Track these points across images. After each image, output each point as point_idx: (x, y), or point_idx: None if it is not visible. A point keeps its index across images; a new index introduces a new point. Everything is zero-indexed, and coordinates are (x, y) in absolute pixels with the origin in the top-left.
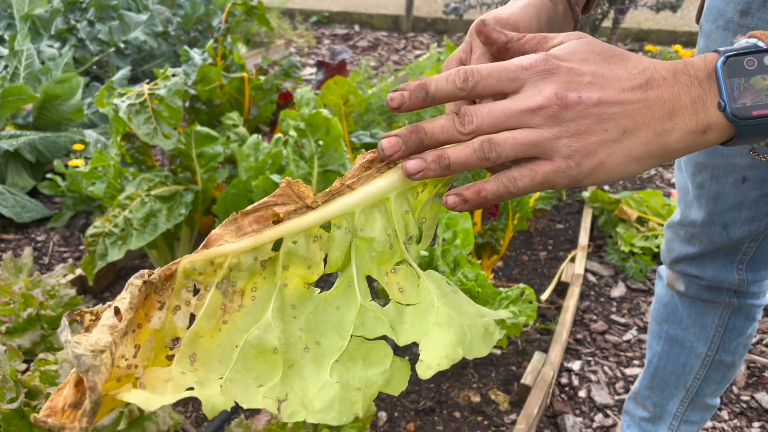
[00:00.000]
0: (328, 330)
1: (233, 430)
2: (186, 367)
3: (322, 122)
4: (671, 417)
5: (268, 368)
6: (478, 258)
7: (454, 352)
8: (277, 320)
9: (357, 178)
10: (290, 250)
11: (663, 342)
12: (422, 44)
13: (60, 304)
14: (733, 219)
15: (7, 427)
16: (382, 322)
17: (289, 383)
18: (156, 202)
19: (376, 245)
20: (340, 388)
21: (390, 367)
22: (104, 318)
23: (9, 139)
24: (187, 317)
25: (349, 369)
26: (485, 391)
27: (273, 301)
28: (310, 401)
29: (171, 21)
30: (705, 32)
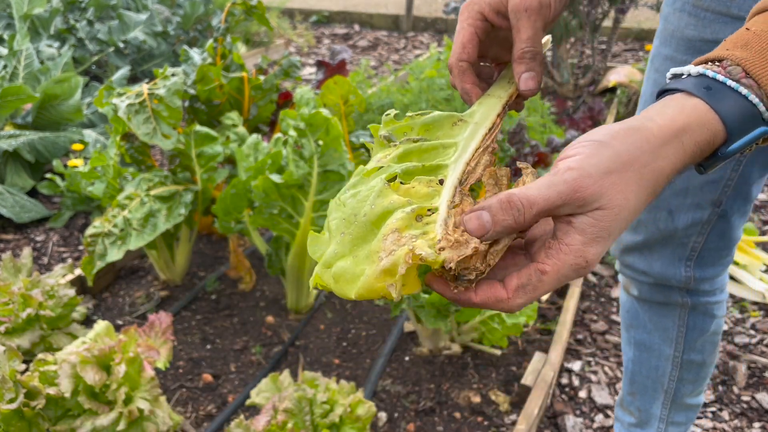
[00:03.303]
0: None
1: (233, 430)
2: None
3: (322, 122)
4: (657, 420)
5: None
6: None
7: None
8: None
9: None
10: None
11: (633, 347)
12: (422, 44)
13: (59, 304)
14: (678, 205)
15: (7, 427)
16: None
17: None
18: (155, 202)
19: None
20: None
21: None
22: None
23: (8, 139)
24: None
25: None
26: (485, 392)
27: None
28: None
29: (170, 21)
30: (664, 15)
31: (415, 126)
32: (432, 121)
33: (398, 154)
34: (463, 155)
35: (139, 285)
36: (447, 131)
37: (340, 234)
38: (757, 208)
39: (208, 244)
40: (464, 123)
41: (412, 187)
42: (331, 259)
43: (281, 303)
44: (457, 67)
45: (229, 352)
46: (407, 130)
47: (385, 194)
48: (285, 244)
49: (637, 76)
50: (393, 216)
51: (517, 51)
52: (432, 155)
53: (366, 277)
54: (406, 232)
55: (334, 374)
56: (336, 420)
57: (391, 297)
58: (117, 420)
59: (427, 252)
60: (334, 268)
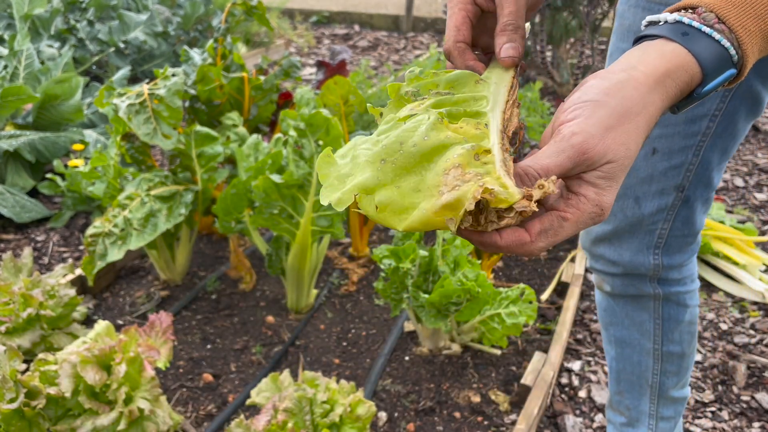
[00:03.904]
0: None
1: (233, 430)
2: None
3: (322, 122)
4: (647, 416)
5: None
6: (478, 258)
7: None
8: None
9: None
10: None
11: (614, 345)
12: (422, 44)
13: (60, 304)
14: (644, 192)
15: (7, 427)
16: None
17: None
18: (156, 202)
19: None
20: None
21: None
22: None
23: (9, 139)
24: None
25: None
26: (485, 392)
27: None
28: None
29: (171, 21)
30: (620, 13)
31: (441, 82)
32: (456, 78)
33: (432, 103)
34: (498, 105)
35: (140, 285)
36: (472, 87)
37: (380, 161)
38: (757, 208)
39: (208, 244)
40: (485, 82)
41: (460, 127)
42: (372, 186)
43: (281, 303)
44: (455, 48)
45: (230, 352)
46: (433, 87)
47: (440, 128)
48: (285, 244)
49: None
50: (451, 151)
51: (499, 25)
52: (467, 105)
53: (423, 211)
54: (469, 169)
55: (334, 374)
56: (336, 420)
57: (448, 229)
58: (117, 420)
59: (499, 189)
60: (379, 197)
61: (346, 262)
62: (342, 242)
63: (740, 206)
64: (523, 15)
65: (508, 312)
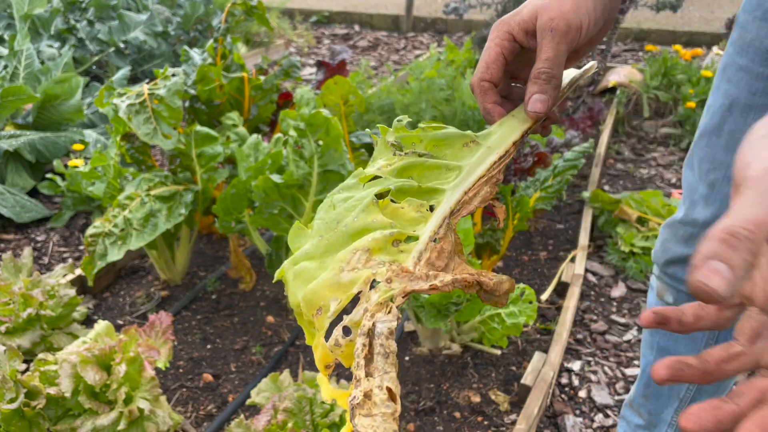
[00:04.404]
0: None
1: (233, 429)
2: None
3: (322, 122)
4: (666, 425)
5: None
6: (478, 258)
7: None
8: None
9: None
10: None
11: (655, 352)
12: (422, 44)
13: (60, 304)
14: None
15: (7, 427)
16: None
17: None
18: (156, 202)
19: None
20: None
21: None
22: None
23: (9, 139)
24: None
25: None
26: (485, 392)
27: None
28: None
29: (171, 21)
30: (740, 23)
31: (425, 139)
32: (443, 137)
33: (399, 167)
34: (464, 183)
35: (140, 285)
36: (456, 151)
37: (318, 236)
38: None
39: (208, 244)
40: (476, 145)
41: (401, 207)
42: (300, 258)
43: (281, 303)
44: (478, 86)
45: (230, 352)
46: (416, 141)
47: (371, 210)
48: (285, 244)
49: (637, 76)
50: (371, 234)
51: (534, 70)
52: (433, 175)
53: (318, 281)
54: (378, 255)
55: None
56: (336, 419)
57: (326, 309)
58: (117, 420)
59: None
60: (298, 266)
61: None
62: None
63: None
64: (561, 62)
65: (508, 312)
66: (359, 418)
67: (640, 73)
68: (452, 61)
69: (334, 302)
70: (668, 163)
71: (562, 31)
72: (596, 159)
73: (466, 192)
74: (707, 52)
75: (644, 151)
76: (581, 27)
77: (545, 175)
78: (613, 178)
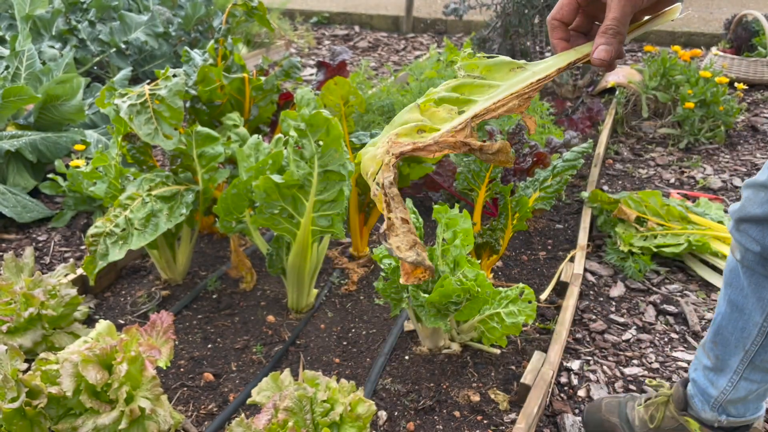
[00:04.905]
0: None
1: (234, 429)
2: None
3: (323, 122)
4: (732, 372)
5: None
6: (477, 258)
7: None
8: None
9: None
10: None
11: (726, 304)
12: (422, 45)
13: (61, 303)
14: None
15: (9, 426)
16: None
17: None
18: (157, 202)
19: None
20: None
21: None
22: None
23: (10, 139)
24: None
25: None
26: (485, 391)
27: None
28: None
29: (172, 22)
30: None
31: (480, 65)
32: (494, 64)
33: (453, 85)
34: (496, 96)
35: (141, 284)
36: (503, 74)
37: (384, 132)
38: None
39: (209, 244)
40: (522, 70)
41: (437, 110)
42: (368, 145)
43: (282, 302)
44: (549, 24)
45: (230, 351)
46: (474, 68)
47: (413, 111)
48: (286, 244)
49: (636, 76)
50: (404, 125)
51: (603, 26)
52: (477, 90)
53: (366, 155)
54: (403, 138)
55: (334, 373)
56: (336, 419)
57: (373, 171)
58: (118, 419)
59: (389, 154)
60: (365, 149)
61: (346, 261)
62: (342, 242)
63: None
64: (626, 21)
65: (507, 311)
66: (390, 238)
67: (639, 74)
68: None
69: (371, 168)
70: (667, 163)
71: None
72: (595, 159)
73: (495, 103)
74: (706, 53)
75: (643, 151)
76: None
77: (544, 176)
78: (612, 178)
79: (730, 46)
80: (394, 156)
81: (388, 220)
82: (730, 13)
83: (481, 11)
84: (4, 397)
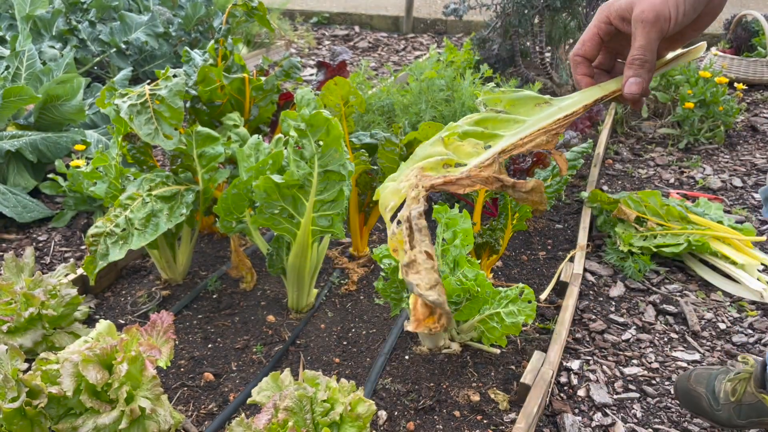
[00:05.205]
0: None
1: (234, 428)
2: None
3: (323, 123)
4: None
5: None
6: (477, 258)
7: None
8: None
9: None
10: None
11: None
12: (422, 45)
13: (61, 303)
14: None
15: (9, 426)
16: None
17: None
18: (157, 202)
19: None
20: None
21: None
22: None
23: (11, 139)
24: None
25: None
26: (485, 390)
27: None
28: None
29: (172, 22)
30: None
31: (504, 100)
32: (518, 98)
33: (476, 119)
34: (523, 131)
35: (141, 284)
36: (528, 109)
37: (405, 166)
38: (755, 208)
39: (209, 244)
40: (548, 105)
41: (462, 144)
42: (387, 180)
43: (282, 302)
44: (572, 60)
45: (231, 351)
46: (497, 102)
47: (437, 144)
48: (286, 244)
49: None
50: (429, 159)
51: (629, 57)
52: (501, 125)
53: (387, 189)
54: (428, 172)
55: (334, 373)
56: (336, 418)
57: (389, 207)
58: (119, 419)
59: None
60: (384, 184)
61: (346, 261)
62: (342, 242)
63: (738, 206)
64: (653, 48)
65: (507, 311)
66: (410, 275)
67: None
68: (452, 62)
69: (392, 201)
70: (666, 163)
71: (652, 20)
72: (595, 159)
73: (522, 138)
74: (705, 53)
75: (642, 151)
76: (669, 17)
77: (544, 176)
78: (612, 178)
79: (730, 46)
80: (424, 188)
81: (409, 256)
82: (730, 14)
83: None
84: (5, 396)
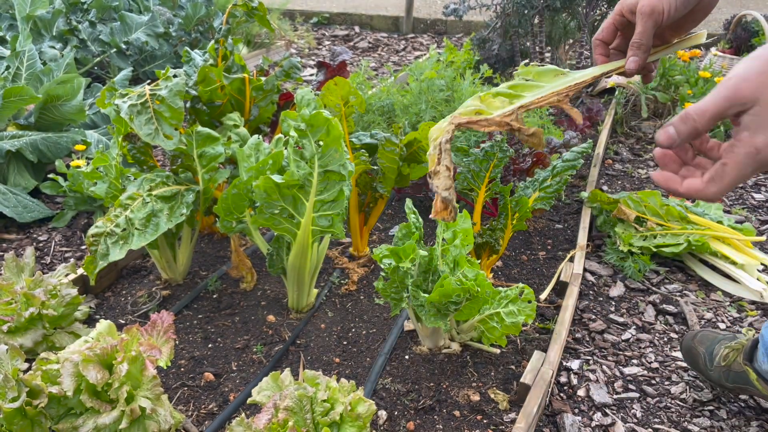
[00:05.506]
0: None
1: (234, 428)
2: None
3: (323, 123)
4: None
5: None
6: (477, 258)
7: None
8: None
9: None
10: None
11: None
12: (422, 45)
13: (62, 303)
14: None
15: (9, 426)
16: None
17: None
18: (157, 202)
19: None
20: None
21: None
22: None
23: (11, 139)
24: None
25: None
26: (485, 390)
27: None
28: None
29: (172, 22)
30: None
31: (533, 72)
32: (543, 71)
33: (509, 85)
34: (540, 93)
35: (141, 284)
36: (549, 78)
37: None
38: (755, 208)
39: (209, 244)
40: (564, 75)
41: (493, 101)
42: (434, 123)
43: (282, 302)
44: (594, 42)
45: (231, 351)
46: (528, 73)
47: (475, 99)
48: (286, 244)
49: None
50: (467, 108)
51: (631, 41)
52: (527, 89)
53: (433, 128)
54: (464, 116)
55: (334, 373)
56: (336, 418)
57: (436, 136)
58: (119, 418)
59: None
60: (436, 125)
61: (346, 261)
62: (342, 242)
63: (738, 206)
64: (649, 35)
65: (507, 311)
66: (434, 180)
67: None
68: (452, 62)
69: (434, 134)
70: None
71: (648, 12)
72: (595, 159)
73: (539, 98)
74: (705, 53)
75: (642, 151)
76: (663, 11)
77: (544, 176)
78: (612, 178)
79: (730, 46)
80: (453, 125)
81: (435, 168)
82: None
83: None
84: (5, 396)
